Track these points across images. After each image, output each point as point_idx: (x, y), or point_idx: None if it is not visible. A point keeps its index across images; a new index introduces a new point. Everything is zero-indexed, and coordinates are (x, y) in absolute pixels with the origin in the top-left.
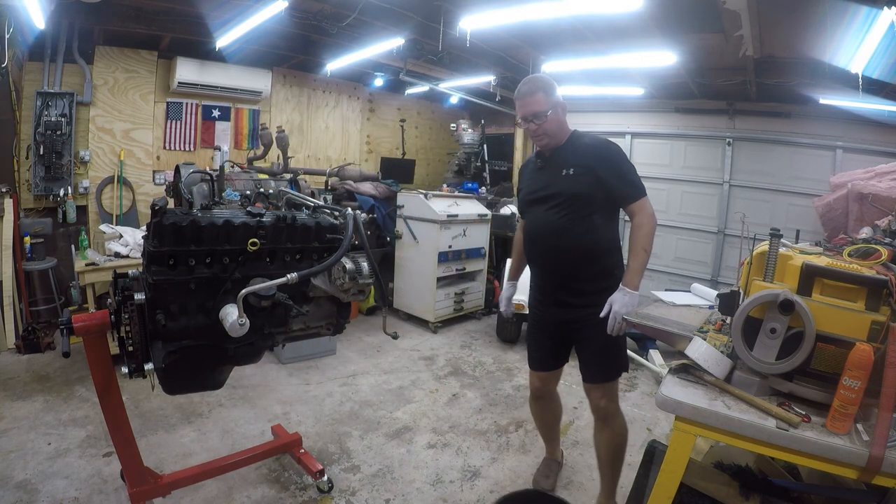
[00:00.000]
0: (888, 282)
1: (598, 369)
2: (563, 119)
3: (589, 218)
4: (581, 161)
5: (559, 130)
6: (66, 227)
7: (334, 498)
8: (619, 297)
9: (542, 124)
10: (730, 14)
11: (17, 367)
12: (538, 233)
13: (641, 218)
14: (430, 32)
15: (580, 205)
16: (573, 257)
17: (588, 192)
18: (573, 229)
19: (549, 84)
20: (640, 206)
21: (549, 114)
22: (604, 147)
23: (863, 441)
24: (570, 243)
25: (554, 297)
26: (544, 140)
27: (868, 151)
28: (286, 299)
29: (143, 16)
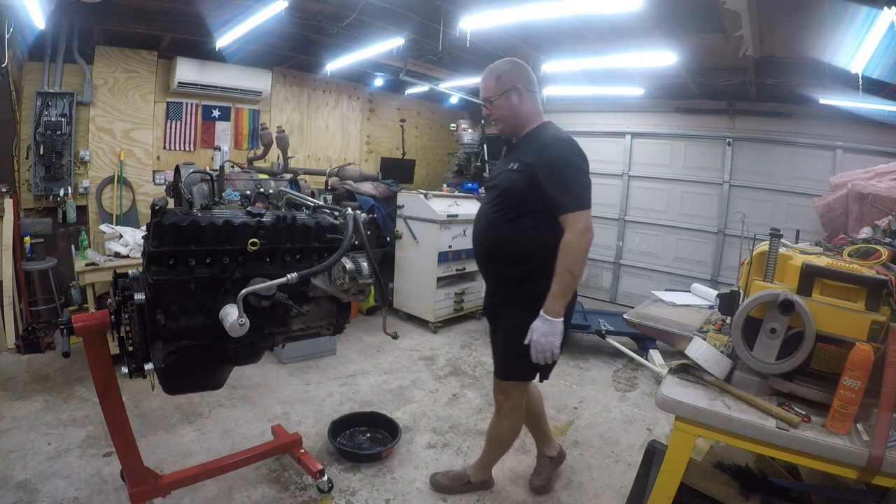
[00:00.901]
0: (888, 282)
1: (498, 366)
2: (517, 107)
3: (519, 218)
4: (526, 157)
5: (511, 118)
6: (66, 227)
7: (334, 498)
8: (538, 325)
9: (491, 110)
10: (730, 14)
11: (17, 367)
12: (476, 224)
13: (569, 235)
14: (430, 32)
15: (512, 203)
16: (495, 255)
17: (522, 190)
18: (500, 226)
19: (506, 70)
20: (572, 221)
21: (497, 100)
22: (550, 147)
23: (863, 441)
24: (494, 239)
25: (486, 288)
26: (498, 125)
27: (868, 151)
28: (286, 299)
29: (143, 16)
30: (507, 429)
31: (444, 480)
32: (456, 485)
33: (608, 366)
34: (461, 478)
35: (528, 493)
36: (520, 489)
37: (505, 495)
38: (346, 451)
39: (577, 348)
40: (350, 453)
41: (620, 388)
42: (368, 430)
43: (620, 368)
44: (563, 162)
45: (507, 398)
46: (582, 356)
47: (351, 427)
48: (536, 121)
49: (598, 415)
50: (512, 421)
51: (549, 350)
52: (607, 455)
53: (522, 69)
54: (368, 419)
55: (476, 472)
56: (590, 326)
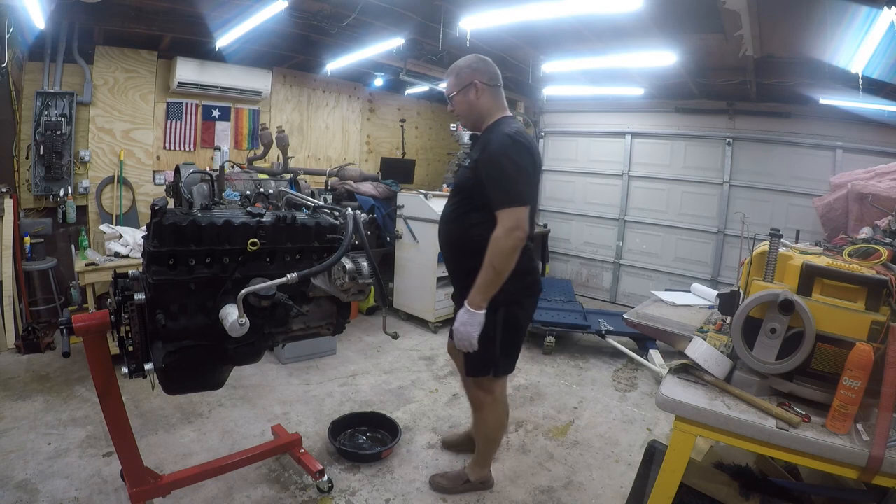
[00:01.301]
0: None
1: (465, 364)
2: (475, 102)
3: (468, 213)
4: (475, 153)
5: (470, 112)
6: (66, 227)
7: (334, 498)
8: (461, 314)
9: (454, 106)
10: (730, 14)
11: (17, 367)
12: (440, 221)
13: (498, 230)
14: (430, 32)
15: (462, 198)
16: (451, 250)
17: (469, 186)
18: (455, 221)
19: (465, 66)
20: (502, 217)
21: (456, 95)
22: (494, 143)
23: (863, 441)
24: (450, 235)
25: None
26: (461, 121)
27: (868, 151)
28: (286, 299)
29: (143, 16)
30: (492, 424)
31: (444, 481)
32: (455, 485)
33: (608, 366)
34: (460, 477)
35: (528, 493)
36: (520, 489)
37: (505, 495)
38: (347, 452)
39: (577, 348)
40: (350, 453)
41: (620, 388)
42: (368, 431)
43: (620, 368)
44: (500, 158)
45: (486, 393)
46: (582, 356)
47: (351, 427)
48: (495, 115)
49: (598, 415)
50: (495, 415)
51: (466, 340)
52: (607, 455)
53: (482, 64)
54: (368, 419)
55: (474, 472)
56: (590, 326)
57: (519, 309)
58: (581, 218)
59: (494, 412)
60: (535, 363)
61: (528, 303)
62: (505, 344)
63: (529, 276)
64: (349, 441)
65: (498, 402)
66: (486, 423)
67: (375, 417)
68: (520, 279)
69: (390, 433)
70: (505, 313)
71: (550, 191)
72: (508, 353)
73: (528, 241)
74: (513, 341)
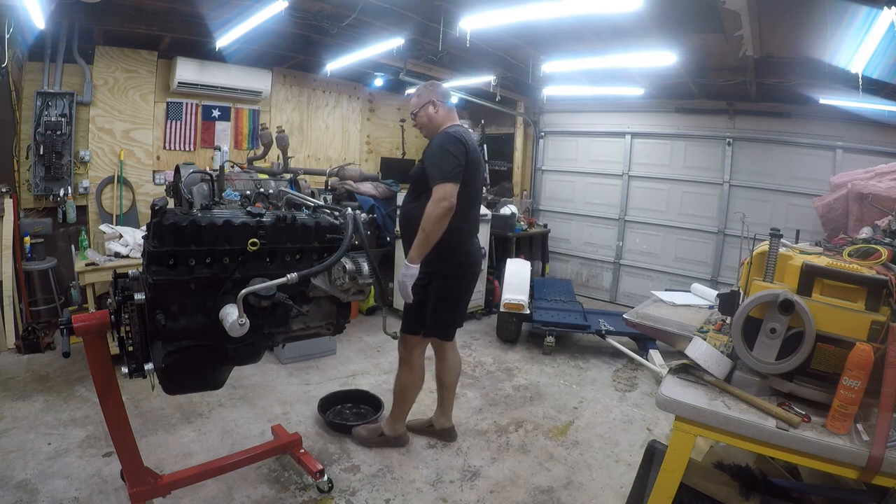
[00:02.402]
0: (888, 282)
1: (402, 322)
2: (432, 116)
3: (419, 197)
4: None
5: (429, 124)
6: (66, 227)
7: (334, 498)
8: (401, 269)
9: (416, 121)
10: (730, 14)
11: (17, 367)
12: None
13: (430, 202)
14: (430, 32)
15: (414, 186)
16: (403, 229)
17: (419, 176)
18: (410, 211)
19: (423, 89)
20: (435, 191)
21: (419, 112)
22: (437, 138)
23: (863, 441)
24: (407, 220)
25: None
26: (424, 132)
27: (868, 151)
28: (286, 299)
29: (143, 16)
30: (404, 381)
31: (363, 432)
32: (372, 436)
33: (608, 366)
34: (377, 430)
35: (528, 493)
36: (520, 489)
37: (505, 495)
38: (336, 424)
39: (577, 348)
40: (339, 425)
41: (620, 388)
42: (353, 407)
43: (620, 368)
44: (436, 147)
45: (406, 351)
46: (582, 356)
47: (338, 404)
48: (445, 125)
49: (598, 415)
50: (408, 373)
51: (404, 289)
52: (607, 455)
53: (436, 87)
54: (352, 396)
55: (388, 426)
56: (590, 326)
57: (450, 282)
58: (581, 218)
59: (408, 370)
60: (535, 363)
61: (463, 282)
62: (436, 310)
63: (465, 257)
64: (336, 417)
65: (414, 362)
66: (400, 378)
67: (358, 394)
68: (454, 257)
69: (373, 408)
70: (438, 284)
71: (550, 191)
72: (439, 320)
73: (464, 222)
74: (445, 310)
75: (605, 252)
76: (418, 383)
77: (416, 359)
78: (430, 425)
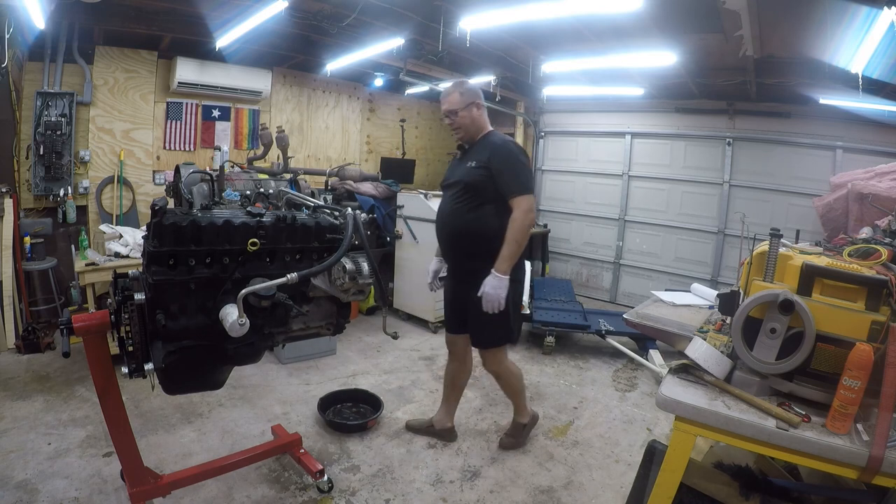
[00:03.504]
0: (888, 282)
1: (478, 339)
2: (476, 118)
3: (480, 206)
4: (482, 156)
5: (472, 126)
6: (66, 227)
7: (334, 498)
8: (488, 280)
9: (454, 120)
10: (730, 14)
11: (17, 367)
12: (441, 215)
13: (517, 213)
14: (430, 32)
15: (473, 194)
16: (463, 239)
17: (481, 183)
18: (465, 214)
19: (467, 88)
20: (518, 203)
21: (461, 112)
22: (502, 146)
23: (863, 441)
24: (461, 226)
25: (453, 271)
26: (459, 133)
27: (868, 151)
28: (286, 299)
29: (143, 16)
30: (515, 383)
31: (509, 440)
32: (518, 437)
33: (608, 366)
34: (516, 428)
35: (528, 493)
36: (520, 489)
37: (505, 495)
38: (336, 424)
39: (577, 348)
40: (339, 424)
41: (620, 388)
42: (353, 406)
43: (620, 368)
44: (511, 157)
45: (498, 364)
46: (582, 356)
47: (338, 403)
48: (486, 129)
49: (598, 415)
50: (513, 376)
51: (497, 301)
52: (607, 455)
53: (477, 88)
54: (352, 396)
55: (522, 417)
56: (590, 326)
57: (519, 286)
58: (581, 218)
59: (511, 372)
60: (535, 363)
61: (521, 285)
62: (514, 317)
63: (521, 260)
64: (336, 416)
65: (509, 363)
66: (510, 382)
67: (358, 394)
68: (519, 260)
69: (373, 407)
70: (510, 289)
71: (550, 191)
72: (516, 325)
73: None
74: (517, 314)
75: (605, 252)
76: (520, 371)
77: (510, 365)
78: (431, 425)
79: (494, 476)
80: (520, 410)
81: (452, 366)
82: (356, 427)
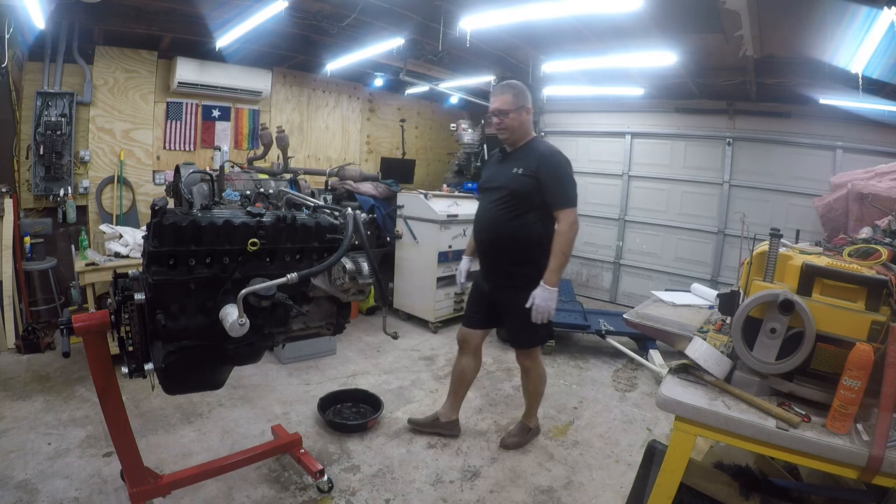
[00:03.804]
0: (888, 282)
1: (519, 340)
2: (525, 122)
3: (525, 213)
4: (530, 164)
5: (519, 130)
6: (66, 227)
7: (334, 498)
8: (538, 292)
9: (503, 120)
10: (730, 14)
11: (17, 367)
12: (482, 218)
13: (562, 225)
14: (430, 32)
15: (518, 201)
16: (505, 245)
17: (527, 191)
18: (509, 220)
19: (520, 91)
20: (564, 215)
21: (512, 114)
22: (551, 156)
23: (863, 441)
24: (504, 233)
25: (490, 274)
26: (505, 135)
27: (868, 151)
28: (286, 299)
29: (143, 16)
30: (540, 380)
31: (513, 439)
32: (522, 438)
33: (608, 366)
34: (523, 430)
35: (528, 493)
36: (520, 489)
37: (505, 495)
38: (336, 424)
39: (577, 348)
40: (339, 424)
41: (620, 388)
42: (353, 406)
43: (620, 368)
44: (561, 169)
45: (532, 360)
46: (582, 356)
47: (338, 403)
48: (531, 135)
49: (598, 415)
50: (540, 376)
51: (547, 312)
52: (607, 455)
53: (530, 93)
54: (351, 396)
55: (530, 420)
56: (590, 326)
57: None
58: (581, 218)
59: (540, 371)
60: None
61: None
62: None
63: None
64: (336, 416)
65: (540, 364)
66: (536, 381)
67: (358, 394)
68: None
69: (373, 407)
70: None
71: None
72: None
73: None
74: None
75: (605, 252)
76: (545, 382)
77: (542, 365)
78: (437, 418)
79: (494, 476)
80: (530, 413)
81: (464, 360)
82: (356, 427)
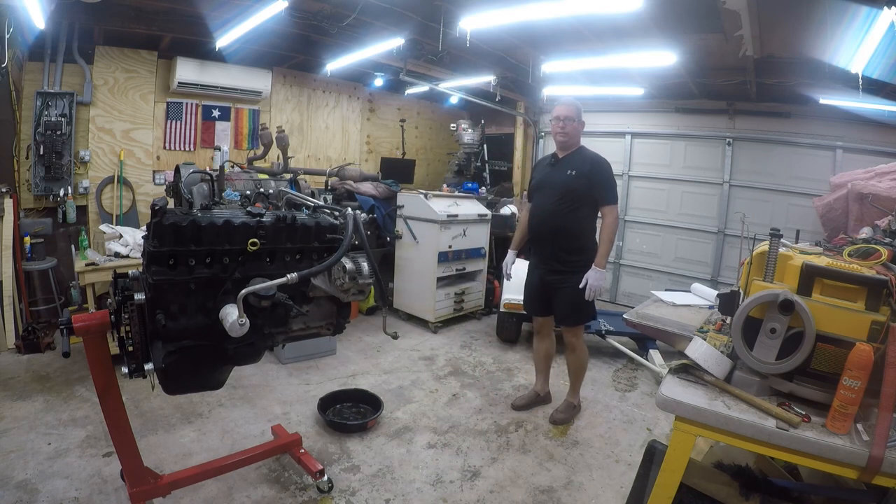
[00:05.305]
0: (888, 282)
1: (567, 318)
2: (580, 132)
3: (578, 209)
4: (582, 167)
5: (574, 136)
6: (66, 227)
7: (334, 498)
8: (591, 273)
9: (567, 125)
10: (730, 14)
11: (17, 367)
12: (541, 214)
13: (608, 218)
14: (430, 32)
15: (573, 198)
16: (562, 235)
17: (581, 190)
18: (567, 215)
19: (580, 107)
20: (610, 210)
21: (574, 122)
22: (600, 162)
23: (863, 441)
24: (562, 225)
25: (545, 262)
26: (564, 138)
27: (868, 151)
28: (286, 299)
29: (143, 16)
30: (584, 358)
31: (561, 415)
32: (569, 414)
33: (608, 366)
34: (569, 407)
35: (528, 493)
36: (520, 489)
37: (505, 495)
38: (336, 423)
39: None
40: (339, 424)
41: (620, 388)
42: (353, 406)
43: (620, 368)
44: (608, 172)
45: (577, 338)
46: None
47: (338, 403)
48: (580, 144)
49: (598, 415)
50: (584, 352)
51: (599, 289)
52: (607, 455)
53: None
54: (351, 396)
55: (575, 398)
56: (590, 326)
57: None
58: None
59: (584, 349)
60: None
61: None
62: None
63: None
64: (337, 416)
65: (583, 342)
66: (581, 357)
67: (358, 394)
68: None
69: (373, 407)
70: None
71: None
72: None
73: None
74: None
75: None
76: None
77: (583, 340)
78: (537, 394)
79: (494, 476)
80: (575, 391)
81: (544, 343)
82: (356, 427)
